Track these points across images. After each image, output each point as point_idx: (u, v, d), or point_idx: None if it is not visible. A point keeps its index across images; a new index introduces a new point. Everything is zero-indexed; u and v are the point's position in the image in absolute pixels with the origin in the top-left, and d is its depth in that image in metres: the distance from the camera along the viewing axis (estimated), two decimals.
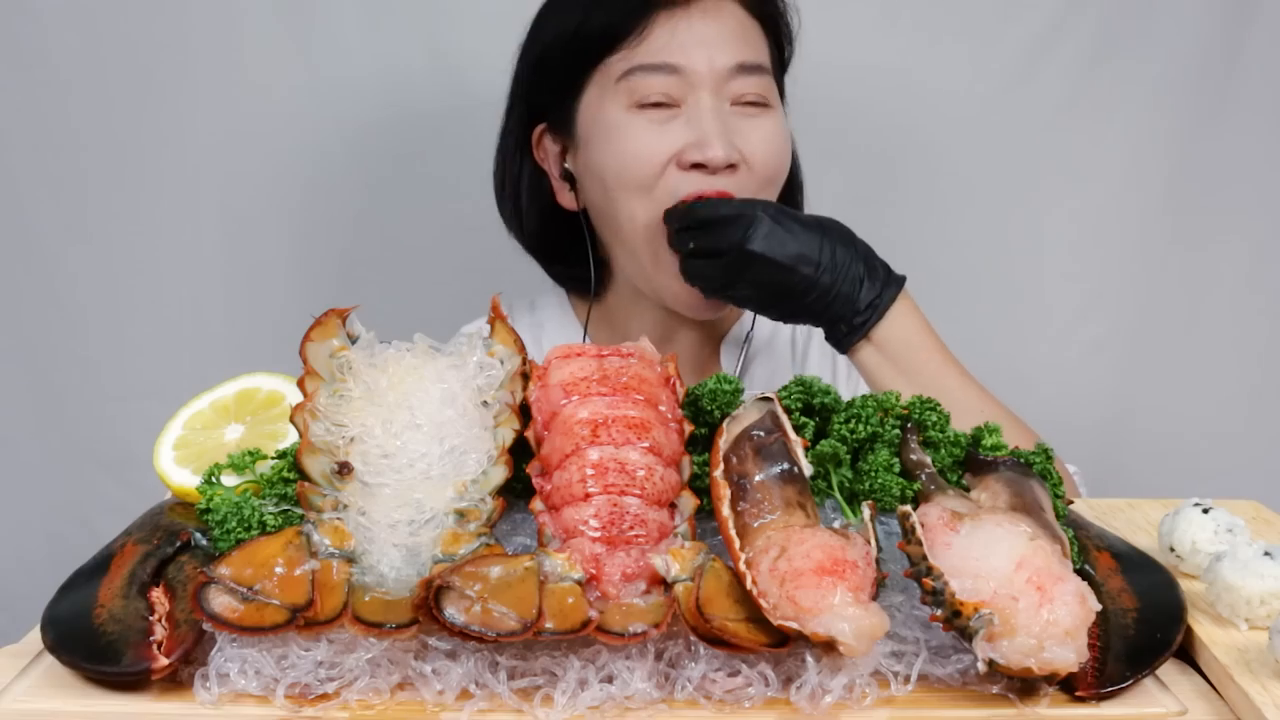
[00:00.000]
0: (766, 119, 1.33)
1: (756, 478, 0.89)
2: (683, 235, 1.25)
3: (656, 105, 1.29)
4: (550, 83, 1.37)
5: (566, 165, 1.39)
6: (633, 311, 1.45)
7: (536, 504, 0.90)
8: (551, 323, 1.51)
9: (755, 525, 0.86)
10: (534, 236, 1.47)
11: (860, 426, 0.98)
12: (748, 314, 1.48)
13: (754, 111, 1.32)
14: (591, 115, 1.33)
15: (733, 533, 0.86)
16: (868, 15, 1.82)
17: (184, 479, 1.00)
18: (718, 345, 1.50)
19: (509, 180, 1.46)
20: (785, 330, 1.52)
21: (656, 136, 1.29)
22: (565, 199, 1.41)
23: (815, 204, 1.48)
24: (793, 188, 1.47)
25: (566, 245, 1.45)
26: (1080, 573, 0.88)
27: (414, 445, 0.90)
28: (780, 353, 1.52)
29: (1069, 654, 0.78)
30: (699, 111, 1.28)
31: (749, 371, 1.48)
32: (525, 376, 0.97)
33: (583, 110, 1.34)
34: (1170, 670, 0.86)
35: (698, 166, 1.27)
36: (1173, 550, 1.00)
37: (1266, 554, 0.90)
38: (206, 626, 0.81)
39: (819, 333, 1.40)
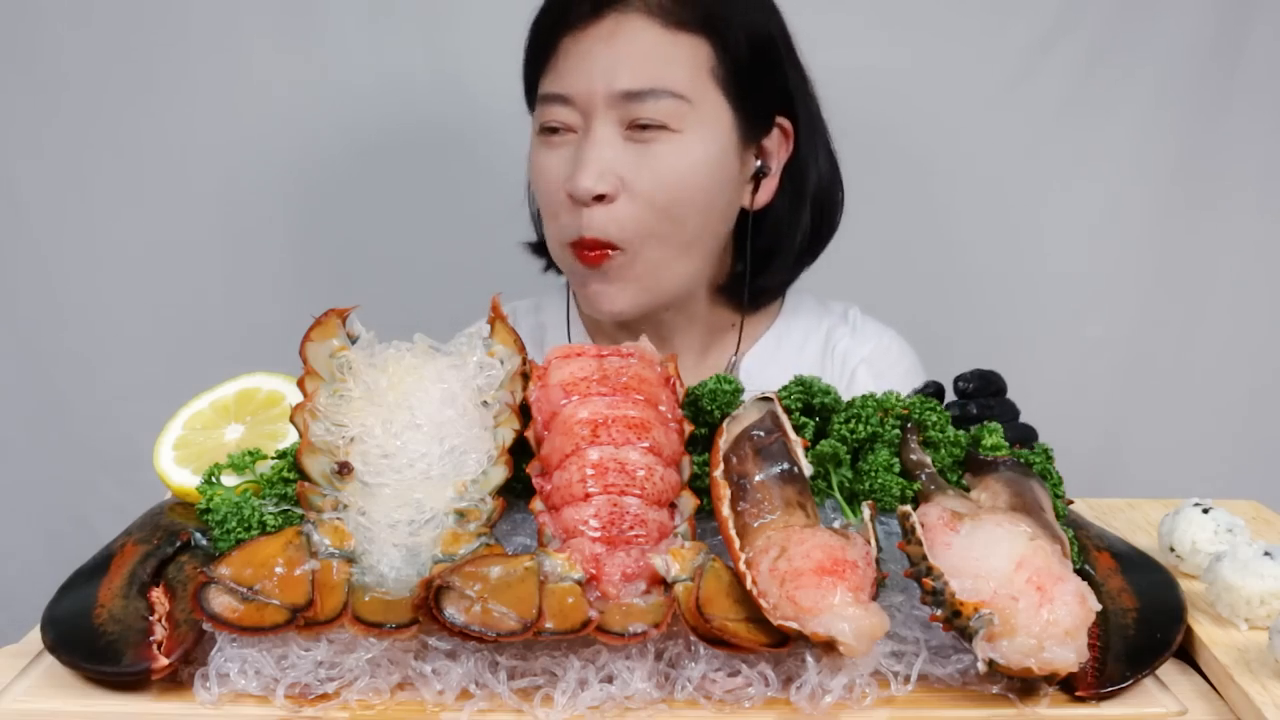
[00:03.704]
0: (660, 146, 1.28)
1: (756, 478, 0.89)
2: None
3: (556, 131, 1.31)
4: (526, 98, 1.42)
5: None
6: (621, 323, 1.43)
7: (536, 504, 0.90)
8: (555, 325, 1.51)
9: (755, 525, 0.86)
10: (540, 237, 1.47)
11: (860, 426, 0.98)
12: (759, 341, 1.46)
13: (648, 136, 1.27)
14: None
15: (733, 533, 0.86)
16: (867, 15, 1.82)
17: (184, 479, 1.00)
18: (729, 368, 1.48)
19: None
20: (811, 357, 1.49)
21: (553, 163, 1.31)
22: None
23: None
24: (832, 201, 1.44)
25: None
26: (1080, 573, 0.88)
27: (414, 445, 0.91)
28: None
29: (1069, 654, 0.78)
30: (584, 139, 1.29)
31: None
32: (525, 376, 0.97)
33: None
34: (1170, 670, 0.86)
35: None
36: (1173, 550, 1.00)
37: (1266, 554, 0.90)
38: (206, 626, 0.81)
39: (862, 367, 1.46)
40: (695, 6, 1.29)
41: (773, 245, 1.41)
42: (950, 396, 1.13)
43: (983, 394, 1.11)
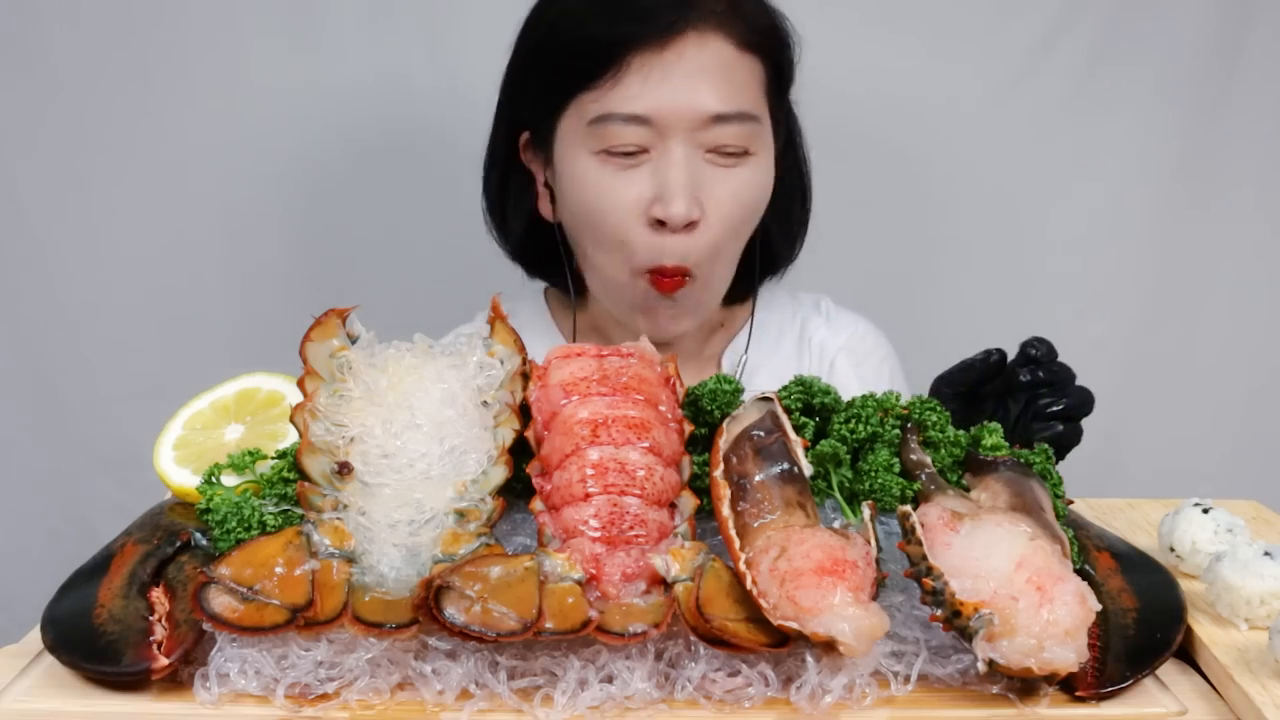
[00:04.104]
0: (742, 170, 1.27)
1: (756, 478, 0.89)
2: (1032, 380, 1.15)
3: (630, 154, 1.26)
4: (530, 98, 1.35)
5: (546, 178, 1.37)
6: (617, 322, 1.42)
7: (536, 504, 0.90)
8: (528, 329, 1.47)
9: (755, 525, 0.86)
10: (517, 241, 1.45)
11: (860, 426, 0.98)
12: (742, 334, 1.47)
13: (730, 162, 1.26)
14: (564, 149, 1.30)
15: (733, 533, 0.86)
16: (868, 15, 1.82)
17: (184, 479, 1.00)
18: (715, 361, 1.49)
19: (495, 181, 1.43)
20: (788, 349, 1.49)
21: (622, 186, 1.26)
22: (545, 208, 1.38)
23: (817, 205, 1.48)
24: (804, 201, 1.45)
25: (547, 253, 1.42)
26: (1080, 573, 0.88)
27: (414, 445, 0.91)
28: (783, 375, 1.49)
29: (1069, 654, 0.78)
30: (666, 162, 1.24)
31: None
32: (525, 376, 0.97)
33: (559, 136, 1.31)
34: (1170, 670, 0.86)
35: (661, 223, 1.25)
36: (1173, 550, 1.00)
37: (1266, 554, 0.90)
38: (206, 626, 0.81)
39: (841, 356, 1.46)
40: (759, 28, 1.29)
41: (768, 242, 1.42)
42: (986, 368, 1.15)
43: (1050, 359, 1.12)
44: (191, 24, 1.79)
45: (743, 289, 1.45)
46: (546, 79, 1.30)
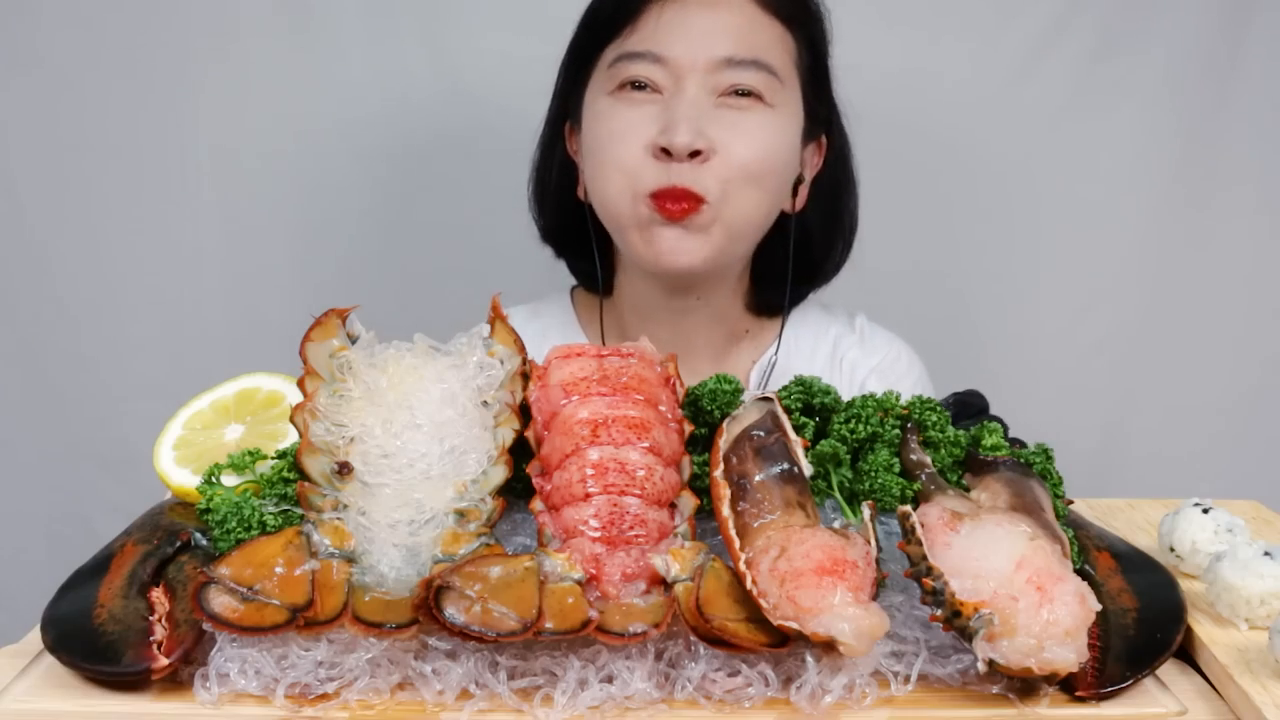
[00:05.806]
0: (755, 114, 1.30)
1: (756, 478, 0.89)
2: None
3: (637, 88, 1.30)
4: (569, 74, 1.40)
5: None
6: (641, 317, 1.43)
7: (536, 504, 0.90)
8: (555, 331, 1.49)
9: (755, 525, 0.86)
10: (550, 223, 1.47)
11: (860, 426, 0.98)
12: (773, 348, 1.46)
13: (743, 104, 1.29)
14: (589, 104, 1.35)
15: (733, 533, 0.86)
16: (869, 13, 1.82)
17: (184, 479, 1.00)
18: (743, 374, 1.47)
19: (541, 168, 1.47)
20: (820, 366, 1.48)
21: (634, 119, 1.29)
22: (581, 190, 1.41)
23: None
24: (849, 215, 1.46)
25: (578, 237, 1.44)
26: (1080, 573, 0.88)
27: (414, 445, 0.91)
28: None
29: (1069, 654, 0.78)
30: (677, 100, 1.28)
31: None
32: (525, 376, 0.97)
33: (586, 98, 1.36)
34: (1170, 670, 0.86)
35: (666, 152, 1.27)
36: (1173, 550, 1.00)
37: (1266, 554, 0.90)
38: (206, 626, 0.81)
39: (872, 378, 1.45)
40: None
41: (802, 256, 1.42)
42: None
43: (961, 418, 1.12)
44: (195, 22, 1.79)
45: (775, 301, 1.45)
46: (581, 49, 1.37)
